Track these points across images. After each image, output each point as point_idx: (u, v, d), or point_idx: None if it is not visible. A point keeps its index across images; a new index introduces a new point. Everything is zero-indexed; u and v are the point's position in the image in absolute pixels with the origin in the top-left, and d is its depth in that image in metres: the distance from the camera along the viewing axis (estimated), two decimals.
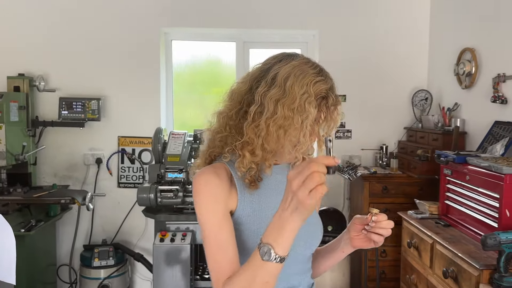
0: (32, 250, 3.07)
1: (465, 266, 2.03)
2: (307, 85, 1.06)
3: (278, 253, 0.93)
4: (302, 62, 1.11)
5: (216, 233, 1.06)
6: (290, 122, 1.06)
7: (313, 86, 1.07)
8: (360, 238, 1.17)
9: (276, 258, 0.94)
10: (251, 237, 1.11)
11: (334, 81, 1.15)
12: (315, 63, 1.14)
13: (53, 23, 3.58)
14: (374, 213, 1.13)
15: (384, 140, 3.68)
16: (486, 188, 2.18)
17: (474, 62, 2.96)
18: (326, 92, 1.09)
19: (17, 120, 3.24)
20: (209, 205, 1.07)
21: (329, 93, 1.10)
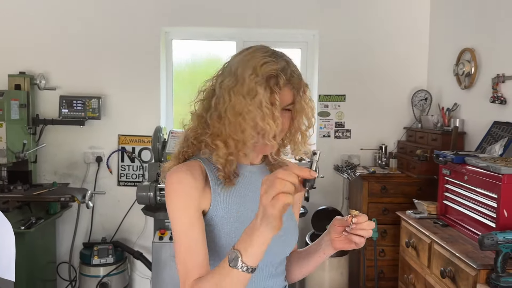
0: (32, 247, 3.09)
1: (463, 266, 2.04)
2: (253, 67, 1.04)
3: (246, 262, 0.92)
4: (255, 49, 1.10)
5: (186, 233, 1.04)
6: (244, 107, 1.03)
7: (261, 68, 1.04)
8: (341, 240, 1.13)
9: (243, 267, 0.92)
10: (223, 239, 1.09)
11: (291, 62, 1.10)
12: (269, 48, 1.11)
13: (54, 22, 3.59)
14: (355, 215, 1.10)
15: (384, 140, 3.69)
16: (484, 188, 2.18)
17: (474, 63, 2.96)
18: (275, 72, 1.04)
19: (17, 118, 3.25)
20: (181, 204, 1.05)
21: (279, 73, 1.04)
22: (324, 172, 3.50)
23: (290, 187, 0.86)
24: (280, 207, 0.86)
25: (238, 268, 0.92)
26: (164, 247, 2.73)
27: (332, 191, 3.73)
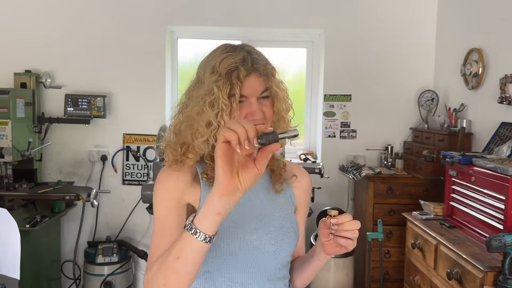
0: (36, 245, 3.09)
1: (470, 268, 2.02)
2: (212, 67, 1.06)
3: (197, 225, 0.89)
4: (216, 49, 1.12)
5: (162, 221, 1.08)
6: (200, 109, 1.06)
7: (220, 65, 1.05)
8: (331, 244, 1.05)
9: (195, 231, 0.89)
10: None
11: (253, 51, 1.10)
12: (229, 44, 1.12)
13: (60, 21, 3.60)
14: (333, 215, 1.03)
15: (390, 141, 3.66)
16: (492, 189, 2.16)
17: (481, 63, 2.94)
18: (234, 65, 1.04)
19: (23, 117, 3.25)
20: (159, 196, 1.09)
21: (238, 65, 1.04)
22: (329, 173, 3.48)
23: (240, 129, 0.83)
24: (220, 143, 0.84)
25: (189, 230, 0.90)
26: None
27: (337, 192, 3.71)
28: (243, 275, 1.09)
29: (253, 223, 1.11)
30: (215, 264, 1.07)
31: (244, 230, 1.09)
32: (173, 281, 0.92)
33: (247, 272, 1.10)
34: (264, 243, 1.10)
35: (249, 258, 1.09)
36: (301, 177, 1.26)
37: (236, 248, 1.07)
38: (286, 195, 1.21)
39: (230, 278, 1.09)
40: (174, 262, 0.91)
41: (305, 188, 1.26)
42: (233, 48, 1.09)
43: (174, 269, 0.92)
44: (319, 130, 3.78)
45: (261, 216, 1.13)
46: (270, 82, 1.09)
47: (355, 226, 1.02)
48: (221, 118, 1.03)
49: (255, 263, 1.10)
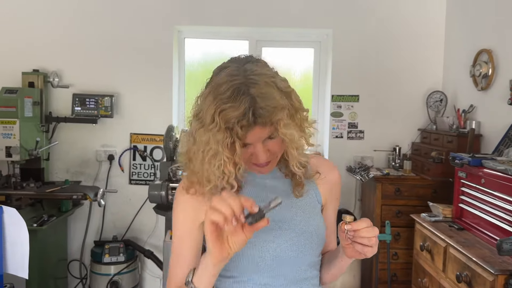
0: (44, 245, 3.10)
1: (480, 271, 2.00)
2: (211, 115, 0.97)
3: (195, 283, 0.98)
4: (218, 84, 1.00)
5: (178, 246, 1.13)
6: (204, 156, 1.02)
7: (219, 116, 0.96)
8: (350, 248, 1.04)
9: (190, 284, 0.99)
10: None
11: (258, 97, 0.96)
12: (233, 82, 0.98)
13: (67, 20, 3.60)
14: (347, 221, 1.00)
15: (397, 142, 3.64)
16: (502, 191, 2.14)
17: (491, 64, 2.91)
18: (232, 123, 0.95)
19: (31, 116, 3.26)
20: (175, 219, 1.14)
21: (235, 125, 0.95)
22: None
23: (226, 208, 0.86)
24: (208, 225, 0.88)
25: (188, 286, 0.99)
26: None
27: (344, 193, 3.69)
28: (266, 279, 1.11)
29: (272, 231, 1.10)
30: (237, 270, 1.11)
31: (263, 240, 1.09)
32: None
33: (271, 276, 1.11)
34: (285, 250, 1.10)
35: (271, 265, 1.10)
36: (327, 172, 1.21)
37: (256, 257, 1.09)
38: (309, 196, 1.18)
39: (254, 281, 1.11)
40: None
41: (332, 183, 1.23)
42: (236, 93, 0.95)
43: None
44: (326, 131, 3.77)
45: (281, 223, 1.12)
46: (276, 130, 1.00)
47: (371, 233, 0.99)
48: (225, 168, 1.01)
49: (279, 268, 1.11)
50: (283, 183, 1.17)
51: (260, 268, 1.10)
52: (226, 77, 1.00)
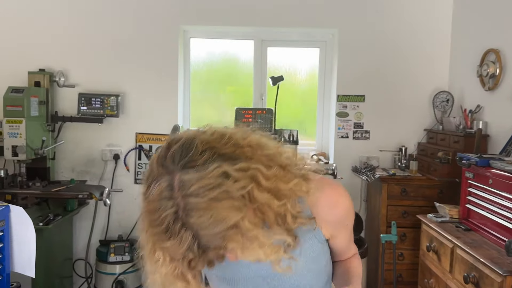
0: (49, 244, 3.10)
1: (487, 272, 1.99)
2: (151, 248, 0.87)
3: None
4: (150, 211, 0.83)
5: None
6: None
7: (162, 251, 0.86)
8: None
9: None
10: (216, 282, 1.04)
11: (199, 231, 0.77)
12: (166, 212, 0.79)
13: (73, 20, 3.61)
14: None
15: (403, 142, 3.62)
16: (510, 192, 2.12)
17: (499, 64, 2.89)
18: (179, 259, 0.83)
19: (37, 115, 3.27)
20: None
21: (182, 260, 0.82)
22: (342, 174, 3.44)
23: None
24: None
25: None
26: None
27: (350, 193, 3.59)
28: None
29: None
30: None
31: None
32: None
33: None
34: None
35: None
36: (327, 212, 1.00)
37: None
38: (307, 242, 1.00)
39: None
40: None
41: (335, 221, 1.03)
42: (172, 229, 0.78)
43: None
44: (331, 131, 3.76)
45: (270, 278, 0.99)
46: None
47: None
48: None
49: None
50: None
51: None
52: (157, 202, 0.80)
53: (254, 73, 3.82)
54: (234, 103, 3.87)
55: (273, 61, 3.87)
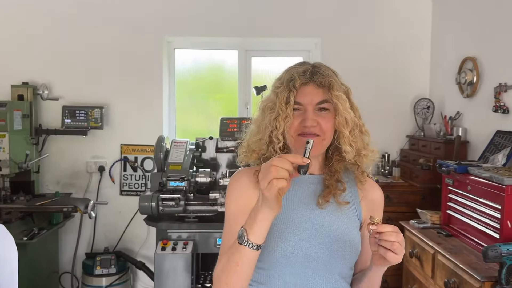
0: (34, 258, 3.08)
1: (467, 278, 2.03)
2: (281, 77, 1.21)
3: (251, 239, 1.02)
4: (289, 67, 1.24)
5: (231, 222, 1.18)
6: (263, 112, 1.21)
7: (285, 75, 1.19)
8: (377, 254, 1.06)
9: (248, 243, 1.02)
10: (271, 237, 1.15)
11: (319, 66, 1.21)
12: (303, 61, 1.25)
13: (57, 32, 3.61)
14: (376, 222, 1.03)
15: (386, 149, 3.68)
16: (488, 198, 2.17)
17: (476, 71, 2.96)
18: (293, 75, 1.16)
19: (20, 129, 3.26)
20: (229, 197, 1.21)
21: (295, 75, 1.16)
22: None
23: (284, 173, 0.95)
24: (275, 192, 0.95)
25: (244, 244, 1.02)
26: (167, 257, 2.73)
27: None
28: (297, 278, 1.15)
29: (308, 232, 1.16)
30: (270, 262, 1.15)
31: (299, 237, 1.15)
32: (234, 282, 1.07)
33: (301, 276, 1.15)
34: (317, 252, 1.15)
35: (303, 263, 1.15)
36: (369, 189, 1.27)
37: (288, 251, 1.14)
38: (350, 209, 1.23)
39: (284, 279, 1.16)
40: (234, 268, 1.05)
41: (373, 202, 1.27)
42: (302, 62, 1.23)
43: (234, 273, 1.06)
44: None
45: (319, 226, 1.17)
46: (330, 95, 1.15)
47: (394, 237, 1.01)
48: (277, 122, 1.15)
49: (309, 269, 1.15)
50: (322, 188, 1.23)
51: (292, 263, 1.14)
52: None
53: (238, 83, 3.85)
54: (220, 111, 3.90)
55: (258, 70, 3.91)
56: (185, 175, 2.96)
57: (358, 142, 1.20)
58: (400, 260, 1.04)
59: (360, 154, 1.20)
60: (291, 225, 1.16)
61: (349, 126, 1.16)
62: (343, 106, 1.15)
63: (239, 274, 1.06)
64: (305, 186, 1.22)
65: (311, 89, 1.15)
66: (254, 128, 1.24)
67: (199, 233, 2.86)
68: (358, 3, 3.68)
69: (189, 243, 2.80)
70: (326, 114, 1.16)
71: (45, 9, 3.59)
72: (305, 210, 1.19)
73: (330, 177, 1.22)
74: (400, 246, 1.02)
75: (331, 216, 1.19)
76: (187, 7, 3.64)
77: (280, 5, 3.67)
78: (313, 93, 1.15)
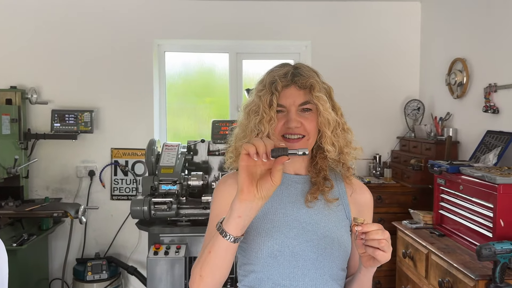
0: (24, 264, 3.03)
1: (461, 277, 2.03)
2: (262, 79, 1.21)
3: (226, 229, 1.01)
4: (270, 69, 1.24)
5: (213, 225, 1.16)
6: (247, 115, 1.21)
7: (267, 78, 1.20)
8: (366, 255, 1.06)
9: (221, 230, 1.02)
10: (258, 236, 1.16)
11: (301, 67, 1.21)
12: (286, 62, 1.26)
13: (45, 36, 3.57)
14: (359, 223, 1.02)
15: (377, 150, 3.69)
16: (480, 198, 2.19)
17: (466, 72, 2.99)
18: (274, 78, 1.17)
19: (9, 133, 3.21)
20: (214, 201, 1.23)
21: (276, 78, 1.17)
22: None
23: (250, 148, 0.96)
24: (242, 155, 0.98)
25: (218, 230, 1.03)
26: (159, 262, 2.70)
27: None
28: (286, 279, 1.14)
29: (295, 230, 1.16)
30: (259, 264, 1.15)
31: (285, 235, 1.15)
32: (207, 272, 1.06)
33: (290, 277, 1.14)
34: (304, 250, 1.14)
35: (291, 263, 1.14)
36: (356, 190, 1.28)
37: (275, 250, 1.14)
38: (339, 209, 1.24)
39: (273, 281, 1.15)
40: (207, 256, 1.05)
41: (361, 204, 1.28)
42: (283, 64, 1.23)
43: (207, 262, 1.05)
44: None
45: (305, 224, 1.18)
46: (311, 96, 1.16)
47: (381, 235, 1.01)
48: (261, 125, 1.15)
49: (298, 269, 1.14)
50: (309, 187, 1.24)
51: (280, 263, 1.14)
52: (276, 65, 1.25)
53: (229, 85, 3.85)
54: (211, 114, 3.89)
55: (249, 73, 3.90)
56: (177, 178, 2.94)
57: (340, 140, 1.22)
58: (389, 258, 1.04)
59: (343, 152, 1.22)
60: (277, 224, 1.17)
61: (331, 126, 1.18)
62: (323, 107, 1.16)
63: (212, 264, 1.04)
64: (291, 186, 1.23)
65: (292, 91, 1.17)
66: (240, 131, 1.25)
67: (192, 237, 2.84)
68: (347, 5, 3.70)
69: (182, 247, 2.77)
70: (309, 114, 1.18)
71: (34, 12, 3.55)
72: (292, 209, 1.19)
73: (316, 175, 1.24)
74: (387, 243, 1.02)
75: (318, 214, 1.20)
76: (177, 9, 3.63)
77: (271, 8, 3.67)
78: (295, 94, 1.17)
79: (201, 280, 1.06)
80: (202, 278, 1.06)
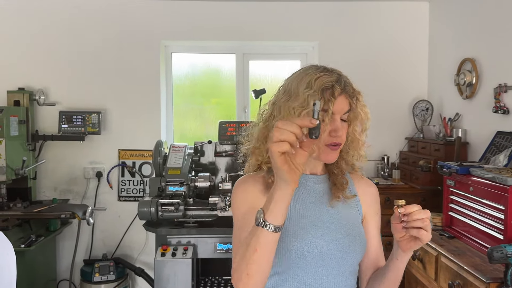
0: (32, 265, 3.04)
1: (471, 279, 2.01)
2: (308, 82, 1.15)
3: (268, 219, 0.97)
4: (308, 68, 1.21)
5: (241, 221, 1.16)
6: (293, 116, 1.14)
7: (315, 82, 1.14)
8: (405, 239, 1.09)
9: (265, 224, 0.97)
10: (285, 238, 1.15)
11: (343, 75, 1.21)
12: (320, 65, 1.22)
13: (53, 37, 3.59)
14: (400, 205, 1.04)
15: (386, 151, 3.67)
16: (491, 199, 2.16)
17: (475, 72, 2.95)
18: (330, 83, 1.14)
19: (17, 135, 3.22)
20: (236, 201, 1.20)
21: (334, 84, 1.14)
22: None
23: (287, 135, 0.89)
24: (278, 157, 0.90)
25: (261, 225, 0.98)
26: (166, 263, 2.69)
27: None
28: (310, 278, 1.16)
29: (320, 230, 1.18)
30: (285, 265, 1.15)
31: (313, 236, 1.17)
32: (255, 269, 1.02)
33: (315, 276, 1.16)
34: (331, 249, 1.17)
35: (317, 262, 1.16)
36: (365, 186, 1.33)
37: (304, 251, 1.15)
38: (353, 206, 1.28)
39: (298, 280, 1.16)
40: (253, 254, 1.00)
41: (371, 197, 1.33)
42: (326, 69, 1.19)
43: (254, 260, 1.00)
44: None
45: (329, 223, 1.20)
46: (354, 105, 1.19)
47: (424, 214, 1.03)
48: None
49: (323, 268, 1.17)
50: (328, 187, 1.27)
51: (308, 262, 1.15)
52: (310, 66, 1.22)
53: (236, 86, 3.84)
54: (218, 115, 3.88)
55: (255, 74, 3.90)
56: (184, 179, 2.93)
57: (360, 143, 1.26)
58: (431, 237, 1.06)
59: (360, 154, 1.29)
60: (303, 225, 1.18)
61: (362, 133, 1.24)
62: (365, 116, 1.22)
63: (259, 261, 1.01)
64: (310, 187, 1.25)
65: (342, 99, 1.17)
66: None
67: (199, 238, 2.83)
68: (355, 6, 3.68)
69: (189, 248, 2.76)
70: (344, 123, 1.20)
71: (41, 14, 3.57)
72: (314, 209, 1.22)
73: (335, 176, 1.27)
74: (429, 222, 1.04)
75: (339, 213, 1.23)
76: (184, 11, 3.63)
77: (278, 9, 3.66)
78: (344, 103, 1.18)
79: (250, 278, 1.02)
80: (250, 276, 1.02)
